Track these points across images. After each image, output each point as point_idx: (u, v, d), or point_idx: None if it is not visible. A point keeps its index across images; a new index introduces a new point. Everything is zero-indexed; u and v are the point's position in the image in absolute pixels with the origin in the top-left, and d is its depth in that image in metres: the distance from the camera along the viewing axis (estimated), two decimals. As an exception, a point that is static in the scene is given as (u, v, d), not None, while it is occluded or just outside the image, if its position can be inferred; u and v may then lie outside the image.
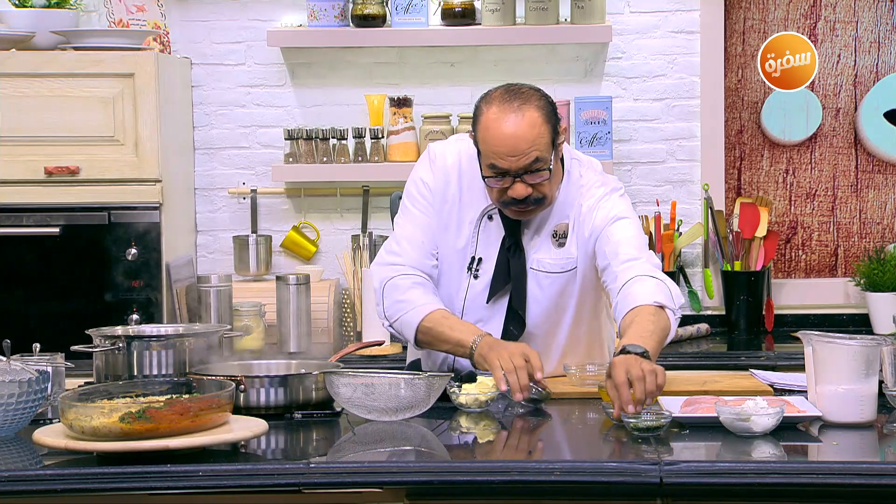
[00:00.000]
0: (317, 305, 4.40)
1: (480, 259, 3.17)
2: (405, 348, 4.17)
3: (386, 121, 4.59)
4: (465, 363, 3.18)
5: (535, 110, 3.01)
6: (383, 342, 4.07)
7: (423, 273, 3.18)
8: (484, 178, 3.05)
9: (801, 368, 2.82)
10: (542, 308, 3.17)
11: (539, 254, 3.15)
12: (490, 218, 3.16)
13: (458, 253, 3.19)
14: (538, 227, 3.16)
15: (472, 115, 3.13)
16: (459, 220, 3.18)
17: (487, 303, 3.16)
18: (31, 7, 4.35)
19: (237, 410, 2.72)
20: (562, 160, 3.16)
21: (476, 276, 3.17)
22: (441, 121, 4.51)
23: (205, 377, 2.79)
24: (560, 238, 3.15)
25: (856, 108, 4.69)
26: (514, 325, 3.16)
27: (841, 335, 2.75)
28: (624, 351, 2.78)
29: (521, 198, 3.03)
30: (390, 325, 3.18)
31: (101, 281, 4.20)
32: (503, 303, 3.16)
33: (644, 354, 2.77)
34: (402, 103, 4.55)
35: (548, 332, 3.20)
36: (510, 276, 3.13)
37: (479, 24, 4.55)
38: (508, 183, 3.02)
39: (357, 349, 3.23)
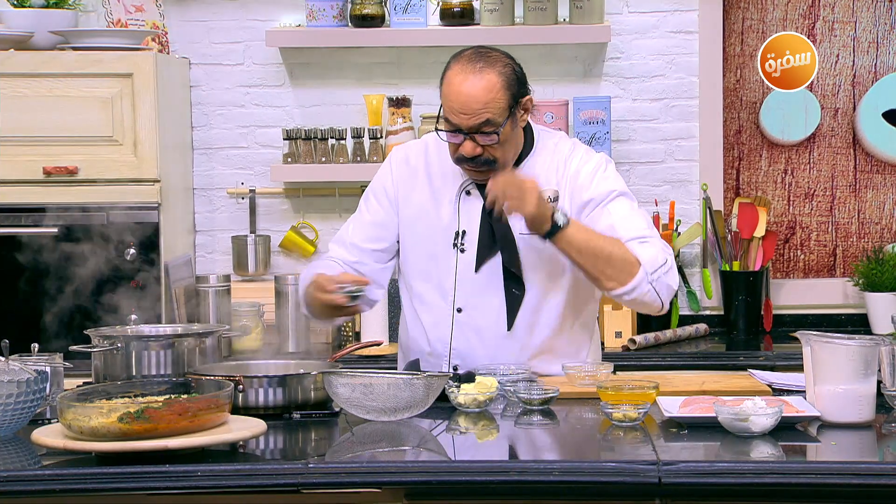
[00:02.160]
0: (315, 305, 4.39)
1: (464, 232, 3.20)
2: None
3: (384, 121, 4.59)
4: (464, 362, 3.19)
5: (495, 75, 3.08)
6: (382, 342, 4.07)
7: (336, 259, 3.30)
8: (436, 129, 3.14)
9: (800, 368, 2.83)
10: (540, 273, 3.18)
11: None
12: (468, 193, 3.21)
13: (443, 233, 3.22)
14: None
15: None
16: (437, 203, 3.23)
17: (476, 272, 3.18)
18: (29, 7, 4.35)
19: (236, 411, 2.72)
20: (530, 131, 3.22)
21: (462, 250, 3.20)
22: (440, 121, 4.51)
23: (203, 377, 2.79)
24: (548, 203, 3.16)
25: (854, 109, 4.69)
26: (515, 287, 3.18)
27: (839, 335, 2.75)
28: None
29: (469, 156, 3.10)
30: (308, 313, 3.29)
31: (99, 281, 4.19)
32: (496, 269, 3.18)
33: (557, 219, 3.00)
34: (400, 103, 4.55)
35: (546, 298, 3.20)
36: (496, 241, 3.17)
37: (478, 24, 4.55)
38: (459, 140, 3.10)
39: (355, 349, 3.23)
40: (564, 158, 3.21)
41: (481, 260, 3.18)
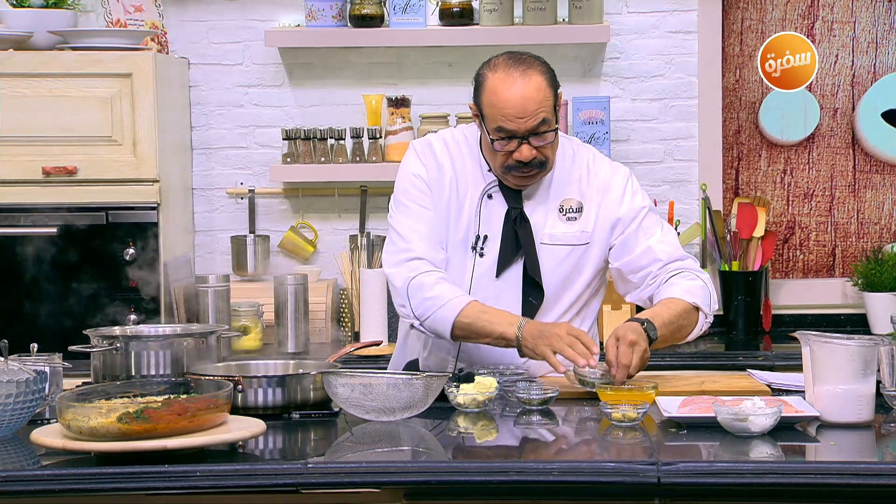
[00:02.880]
0: (314, 306, 4.40)
1: (486, 237, 3.18)
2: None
3: (384, 121, 4.59)
4: (470, 365, 3.19)
5: (539, 74, 3.11)
6: (381, 342, 4.07)
7: (439, 267, 3.19)
8: (492, 140, 3.10)
9: (799, 368, 2.83)
10: (557, 279, 3.19)
11: (548, 229, 3.18)
12: (490, 197, 3.19)
13: (462, 236, 3.20)
14: (540, 202, 3.19)
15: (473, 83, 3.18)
16: (459, 204, 3.20)
17: (497, 278, 3.17)
18: (29, 7, 4.35)
19: (235, 411, 2.72)
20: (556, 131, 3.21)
21: (482, 255, 3.18)
22: (439, 121, 4.51)
23: (202, 377, 2.79)
24: (570, 213, 3.19)
25: (853, 109, 4.69)
26: (533, 296, 3.17)
27: (838, 335, 2.75)
28: (640, 321, 3.00)
29: (526, 160, 3.09)
30: (420, 324, 3.16)
31: (98, 281, 4.20)
32: (515, 275, 3.17)
33: (652, 336, 2.99)
34: (399, 103, 4.55)
35: (558, 307, 3.21)
36: (519, 247, 3.16)
37: (477, 24, 4.55)
38: (515, 146, 3.08)
39: (355, 349, 3.22)
40: (587, 167, 3.22)
41: (503, 266, 3.17)
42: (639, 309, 4.41)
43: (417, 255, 3.17)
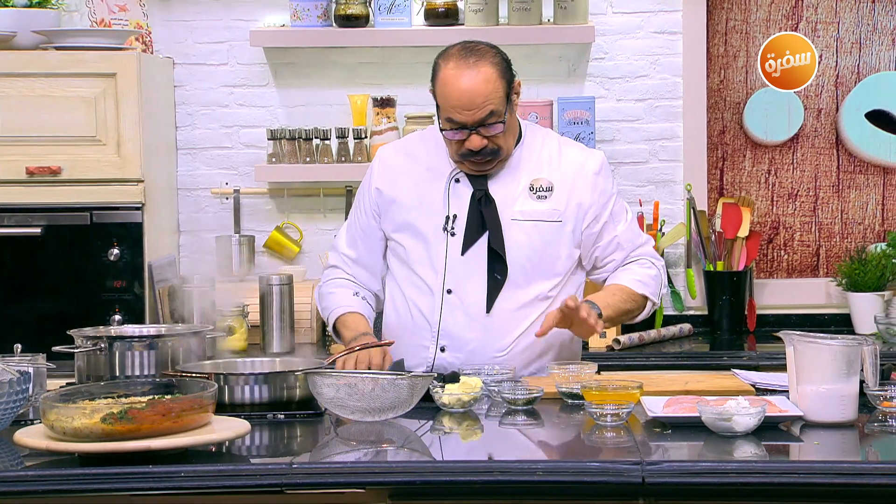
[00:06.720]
0: (300, 306, 4.39)
1: (455, 216, 3.26)
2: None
3: (369, 121, 4.59)
4: (452, 343, 3.25)
5: (489, 66, 3.17)
6: (393, 342, 4.05)
7: (346, 275, 3.39)
8: (441, 130, 3.21)
9: (783, 368, 2.83)
10: (527, 255, 3.25)
11: (519, 206, 3.25)
12: (457, 181, 3.28)
13: (434, 218, 3.28)
14: (508, 182, 3.26)
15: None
16: (427, 191, 3.29)
17: (462, 255, 3.23)
18: (12, 7, 4.34)
19: (221, 408, 2.74)
20: (517, 121, 3.31)
21: (453, 234, 3.26)
22: (424, 121, 4.51)
23: (184, 375, 2.79)
24: (541, 191, 3.26)
25: (837, 109, 4.70)
26: (498, 271, 3.24)
27: (822, 335, 2.76)
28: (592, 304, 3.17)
29: (477, 149, 3.17)
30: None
31: (82, 281, 4.18)
32: (481, 252, 3.24)
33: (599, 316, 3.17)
34: (385, 103, 4.55)
35: (533, 285, 3.26)
36: (484, 225, 3.23)
37: (463, 24, 4.55)
38: (465, 136, 3.16)
39: (361, 348, 3.21)
40: (559, 149, 3.31)
41: (468, 243, 3.24)
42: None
43: (336, 255, 3.43)
